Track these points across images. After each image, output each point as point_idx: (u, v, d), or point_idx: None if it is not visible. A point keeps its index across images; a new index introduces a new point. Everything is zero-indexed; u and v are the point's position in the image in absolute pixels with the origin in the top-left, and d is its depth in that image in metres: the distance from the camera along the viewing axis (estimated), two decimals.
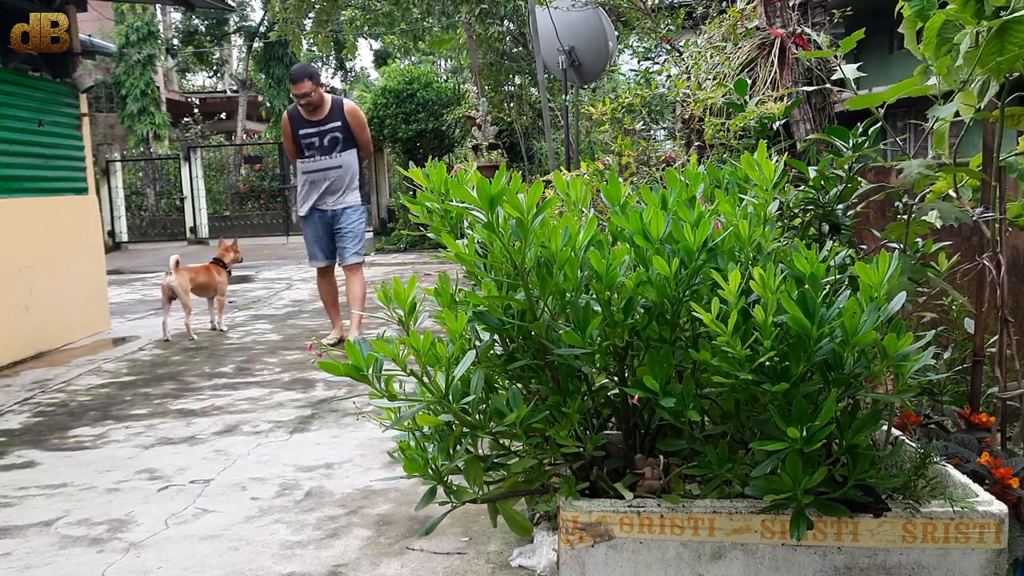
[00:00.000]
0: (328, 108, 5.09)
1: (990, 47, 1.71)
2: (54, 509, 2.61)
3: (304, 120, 5.07)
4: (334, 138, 5.09)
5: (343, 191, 5.18)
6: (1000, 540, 1.58)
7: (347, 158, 5.15)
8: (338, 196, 5.18)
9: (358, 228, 5.25)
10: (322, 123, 5.07)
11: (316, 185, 5.16)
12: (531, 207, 1.63)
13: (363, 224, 5.28)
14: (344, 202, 5.20)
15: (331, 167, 5.12)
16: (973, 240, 2.66)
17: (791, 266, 1.62)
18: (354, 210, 5.24)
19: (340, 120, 5.09)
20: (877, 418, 1.59)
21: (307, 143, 5.11)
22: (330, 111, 5.08)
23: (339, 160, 5.13)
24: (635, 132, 4.22)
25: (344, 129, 5.10)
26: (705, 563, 1.65)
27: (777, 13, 3.99)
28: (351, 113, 5.13)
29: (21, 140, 5.24)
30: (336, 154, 5.12)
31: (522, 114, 11.84)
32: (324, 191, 5.16)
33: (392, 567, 2.13)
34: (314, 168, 5.12)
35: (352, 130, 5.13)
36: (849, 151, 2.08)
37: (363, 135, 5.19)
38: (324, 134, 5.08)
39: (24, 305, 5.17)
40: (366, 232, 5.39)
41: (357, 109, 5.19)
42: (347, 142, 5.13)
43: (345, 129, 5.10)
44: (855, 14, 5.31)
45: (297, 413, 3.67)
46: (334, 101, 5.13)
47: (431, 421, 1.67)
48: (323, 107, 5.08)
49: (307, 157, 5.12)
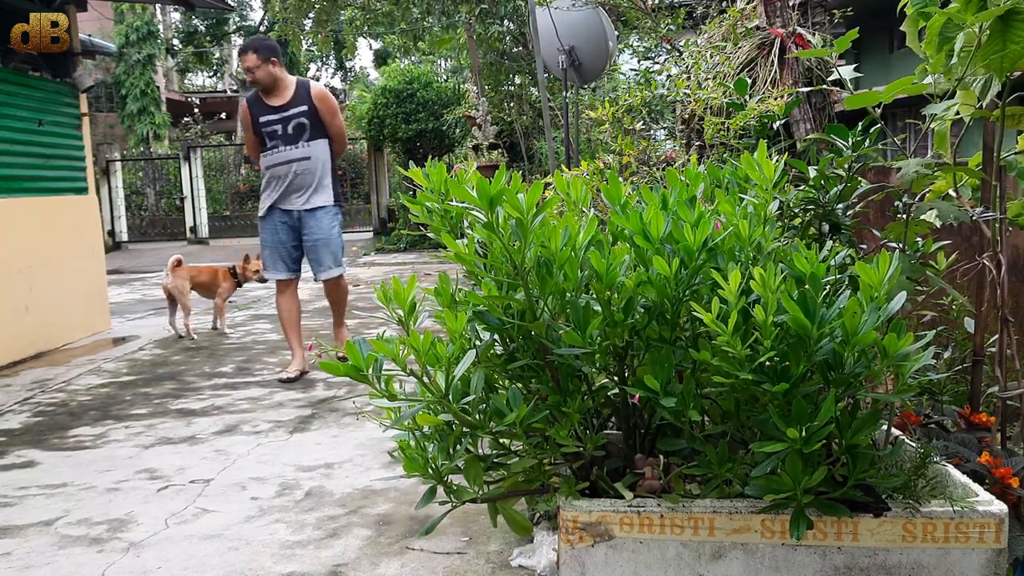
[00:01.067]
0: (292, 91, 4.35)
1: (992, 44, 1.70)
2: (54, 509, 2.61)
3: (265, 106, 4.35)
4: (299, 125, 4.33)
5: (311, 189, 4.38)
6: (1000, 540, 1.58)
7: (316, 149, 4.37)
8: (305, 195, 4.38)
9: (332, 236, 4.43)
10: (285, 108, 4.32)
11: (279, 181, 4.37)
12: (531, 207, 1.63)
13: (338, 229, 4.49)
14: (313, 202, 4.40)
15: (296, 158, 4.34)
16: (973, 239, 2.66)
17: (791, 266, 1.62)
18: (325, 213, 4.41)
19: (306, 104, 4.33)
20: (877, 418, 1.59)
21: (268, 132, 4.36)
22: (294, 94, 4.34)
23: (306, 150, 4.35)
24: (635, 132, 4.22)
25: (311, 115, 4.34)
26: (705, 563, 1.65)
27: (777, 13, 3.99)
28: (319, 97, 4.37)
29: (21, 140, 5.24)
30: (303, 143, 4.34)
31: (522, 114, 11.84)
32: (287, 188, 4.37)
33: (392, 567, 2.13)
34: (277, 161, 4.36)
35: (322, 117, 4.37)
36: (849, 151, 2.08)
37: (335, 123, 4.43)
38: (288, 120, 4.32)
39: (24, 305, 5.17)
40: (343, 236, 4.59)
41: (327, 93, 4.44)
42: (316, 130, 4.36)
43: (313, 115, 4.34)
44: (855, 14, 5.31)
45: (297, 413, 3.67)
46: (299, 83, 4.39)
47: (431, 421, 1.67)
48: (284, 89, 4.35)
49: (269, 149, 4.37)
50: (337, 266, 4.47)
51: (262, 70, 4.27)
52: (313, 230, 4.40)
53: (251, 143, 4.48)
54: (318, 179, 4.39)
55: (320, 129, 4.38)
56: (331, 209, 4.44)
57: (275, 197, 4.39)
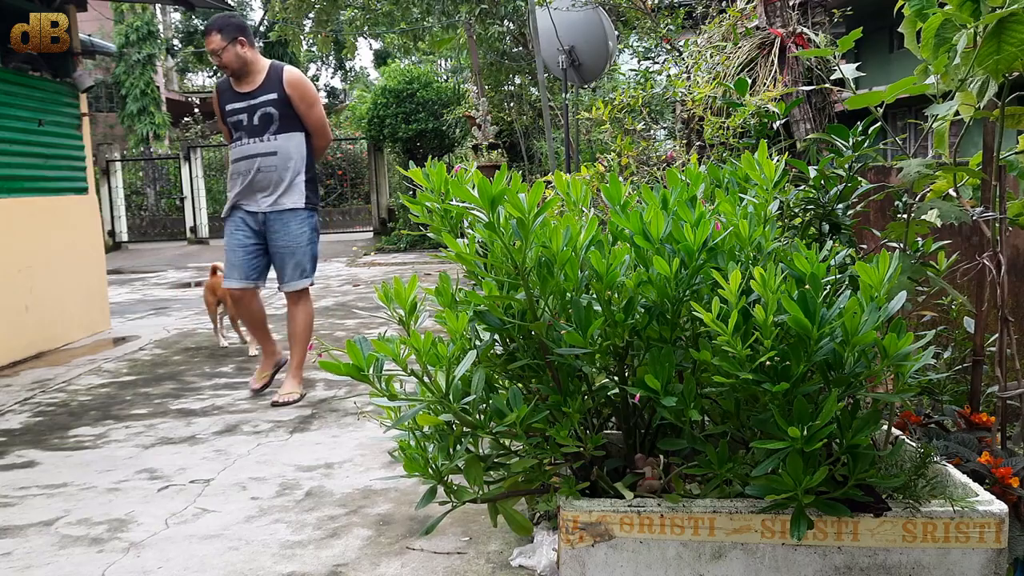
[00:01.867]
0: (263, 76, 3.83)
1: (987, 47, 1.71)
2: (54, 509, 2.61)
3: (233, 92, 3.88)
4: (266, 115, 3.82)
5: (278, 188, 3.84)
6: (1000, 540, 1.59)
7: (285, 143, 3.82)
8: (271, 195, 3.84)
9: (301, 242, 3.87)
10: (252, 95, 3.83)
11: (242, 178, 3.88)
12: (532, 207, 1.63)
13: (309, 237, 3.90)
14: (281, 203, 3.84)
15: (260, 153, 3.82)
16: (973, 239, 2.66)
17: (791, 266, 1.62)
18: (294, 216, 3.85)
19: (276, 92, 3.81)
20: (877, 418, 1.59)
21: (234, 122, 3.87)
22: (265, 80, 3.83)
23: (272, 144, 3.82)
24: (635, 132, 4.22)
25: (281, 104, 3.81)
26: (705, 563, 1.65)
27: (777, 13, 4.00)
28: (292, 83, 3.81)
29: (21, 140, 5.24)
30: (269, 136, 3.83)
31: (522, 114, 11.85)
32: (250, 186, 3.85)
33: (392, 567, 2.13)
34: (240, 155, 3.87)
35: (295, 106, 3.82)
36: (849, 150, 2.08)
37: (312, 114, 3.86)
38: (254, 110, 3.82)
39: (24, 305, 5.17)
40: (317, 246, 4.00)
41: (303, 79, 3.87)
42: (286, 122, 3.83)
43: (283, 104, 3.81)
44: (855, 14, 5.32)
45: (297, 413, 3.67)
46: (272, 68, 3.86)
47: (431, 421, 1.67)
48: (255, 74, 3.84)
49: (234, 141, 3.89)
50: (304, 277, 3.92)
51: (229, 52, 3.78)
52: (279, 236, 3.87)
53: (226, 135, 4.03)
54: (286, 177, 3.85)
55: (293, 121, 3.85)
56: (302, 213, 3.88)
57: (238, 195, 3.91)
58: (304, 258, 3.90)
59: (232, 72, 3.84)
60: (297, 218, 3.87)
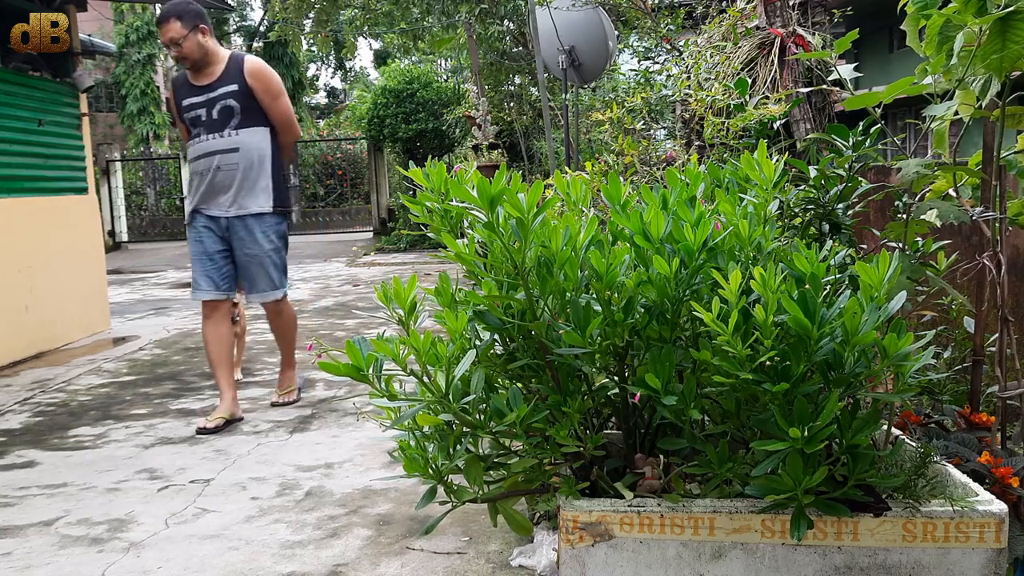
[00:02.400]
0: (222, 67, 3.51)
1: (991, 44, 1.71)
2: (54, 509, 2.61)
3: (190, 86, 3.54)
4: (226, 108, 3.48)
5: (241, 189, 3.50)
6: (1000, 539, 1.58)
7: (247, 139, 3.49)
8: (234, 197, 3.50)
9: (268, 251, 3.53)
10: (211, 88, 3.49)
11: (200, 178, 3.54)
12: (531, 207, 1.63)
13: (276, 243, 3.57)
14: (245, 207, 3.50)
15: (219, 149, 3.49)
16: (973, 239, 2.66)
17: (791, 266, 1.62)
18: (259, 222, 3.51)
19: (236, 83, 3.47)
20: (877, 418, 1.59)
21: (192, 117, 3.54)
22: (224, 71, 3.50)
23: (233, 140, 3.48)
24: (635, 132, 4.22)
25: (242, 96, 3.48)
26: (705, 563, 1.65)
27: (777, 13, 3.99)
28: (254, 73, 3.49)
29: (21, 140, 5.24)
30: (229, 132, 3.48)
31: (522, 114, 11.85)
32: (209, 187, 3.52)
33: (392, 567, 2.13)
34: (197, 152, 3.53)
35: (258, 99, 3.50)
36: (849, 150, 2.08)
37: (277, 106, 3.54)
38: (213, 103, 3.49)
39: (24, 305, 5.17)
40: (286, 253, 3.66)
41: (266, 68, 3.54)
42: (248, 116, 3.49)
43: (244, 96, 3.48)
44: (855, 14, 5.31)
45: (297, 413, 3.67)
46: (232, 58, 3.54)
47: (431, 421, 1.67)
48: (214, 65, 3.51)
49: (192, 138, 3.56)
50: (274, 288, 3.61)
51: (189, 42, 3.42)
52: (244, 243, 3.53)
53: (184, 133, 3.68)
54: (250, 177, 3.51)
55: (256, 115, 3.52)
56: (268, 218, 3.53)
57: (197, 199, 3.57)
58: (273, 266, 3.57)
59: (192, 64, 3.49)
60: (263, 224, 3.52)
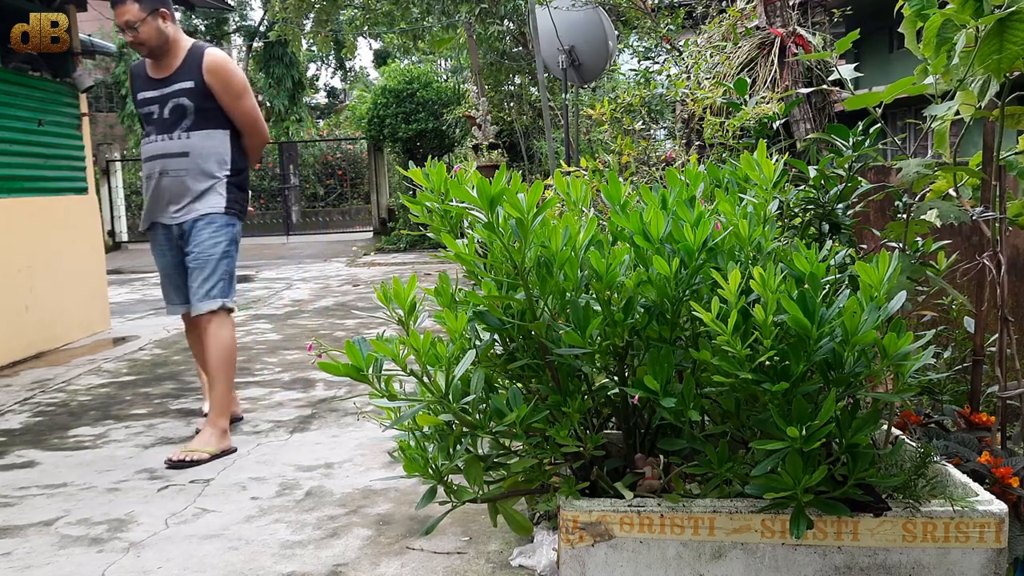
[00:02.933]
0: (180, 60, 3.16)
1: (989, 45, 1.71)
2: (54, 509, 2.61)
3: (147, 78, 3.22)
4: (178, 107, 3.13)
5: (191, 195, 3.16)
6: (1000, 539, 1.59)
7: (200, 142, 3.15)
8: (184, 204, 3.17)
9: (212, 254, 3.16)
10: (166, 82, 3.16)
11: (147, 182, 3.23)
12: (531, 207, 1.63)
13: (224, 248, 3.18)
14: (193, 209, 3.17)
15: (167, 153, 3.15)
16: (973, 239, 2.66)
17: (791, 265, 1.62)
18: (208, 223, 3.17)
19: (192, 79, 3.12)
20: (877, 417, 1.59)
21: (144, 113, 3.22)
22: (182, 65, 3.15)
23: (183, 143, 3.14)
24: (635, 132, 4.22)
25: (198, 95, 3.13)
26: (705, 562, 1.65)
27: (777, 13, 4.00)
28: (213, 69, 3.12)
29: (21, 140, 5.24)
30: (179, 133, 3.14)
31: (522, 114, 11.85)
32: (156, 192, 3.20)
33: (392, 566, 2.13)
34: (146, 155, 3.21)
35: (216, 97, 3.15)
36: (849, 150, 2.08)
37: (240, 107, 3.18)
38: (166, 100, 3.15)
39: (24, 305, 5.17)
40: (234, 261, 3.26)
41: (226, 65, 3.17)
42: (203, 116, 3.15)
43: (200, 95, 3.13)
44: (855, 14, 5.32)
45: (297, 413, 3.67)
46: (193, 49, 3.17)
47: (431, 421, 1.67)
48: (174, 56, 3.17)
49: (144, 136, 3.23)
50: (211, 298, 3.15)
51: (147, 26, 3.08)
52: (190, 245, 3.18)
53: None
54: (202, 186, 3.16)
55: (214, 116, 3.16)
56: (218, 219, 3.17)
57: (146, 208, 3.27)
58: (214, 273, 3.16)
59: (149, 52, 3.15)
60: (212, 225, 3.16)
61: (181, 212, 3.18)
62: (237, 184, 3.25)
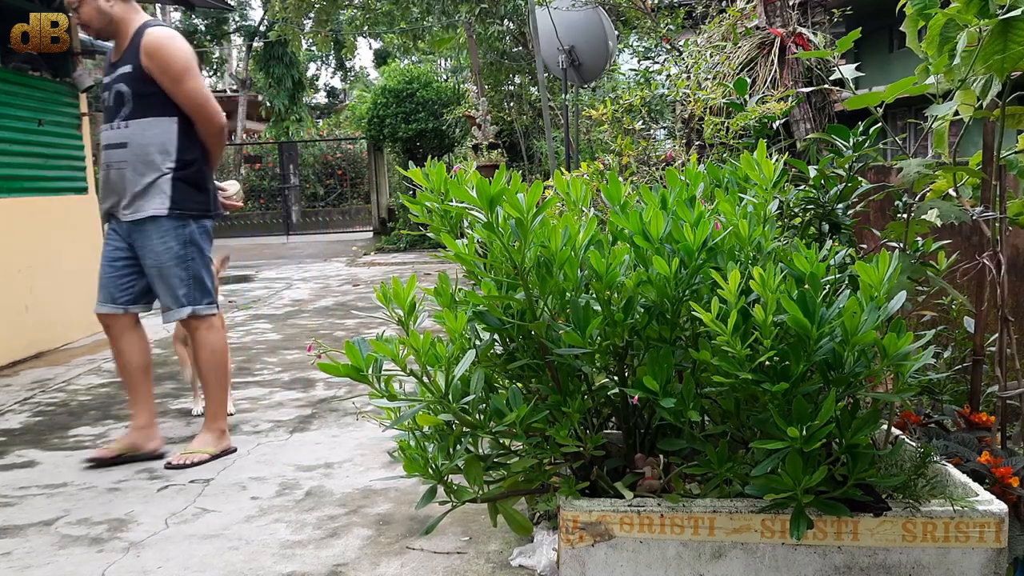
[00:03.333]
0: (128, 41, 2.93)
1: (992, 45, 1.71)
2: (54, 509, 2.61)
3: (109, 63, 3.04)
4: (117, 95, 2.93)
5: (134, 191, 2.92)
6: (1000, 539, 1.58)
7: (139, 132, 2.90)
8: (128, 199, 2.93)
9: (166, 260, 2.93)
10: (114, 67, 2.96)
11: (103, 174, 3.02)
12: (531, 207, 1.63)
13: (177, 251, 2.94)
14: (140, 210, 2.92)
15: (110, 144, 2.96)
16: (973, 239, 2.66)
17: (791, 265, 1.62)
18: (155, 227, 2.92)
19: (131, 64, 2.89)
20: (877, 417, 1.59)
21: (103, 100, 3.04)
22: (127, 46, 2.93)
23: (122, 133, 2.93)
24: (635, 131, 4.22)
25: (136, 80, 2.89)
26: (705, 562, 1.65)
27: (777, 12, 3.99)
28: (150, 51, 2.85)
29: (21, 140, 5.24)
30: (119, 123, 2.93)
31: (522, 113, 11.85)
32: (104, 186, 3.02)
33: (392, 566, 2.13)
34: (103, 144, 3.01)
35: (157, 81, 2.87)
36: (849, 150, 2.08)
37: (182, 91, 2.89)
38: (111, 86, 2.95)
39: (24, 305, 5.17)
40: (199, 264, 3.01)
41: (164, 45, 2.87)
42: (143, 103, 2.90)
43: (138, 80, 2.88)
44: (855, 13, 5.32)
45: (297, 413, 3.67)
46: (138, 30, 2.92)
47: (431, 421, 1.67)
48: (120, 36, 2.96)
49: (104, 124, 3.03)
50: (180, 305, 2.98)
51: (87, 7, 2.90)
52: (143, 252, 2.96)
53: None
54: (145, 179, 2.90)
55: (156, 102, 2.90)
56: (164, 223, 2.91)
57: (102, 199, 3.07)
58: (176, 280, 2.96)
59: (96, 34, 2.99)
60: (159, 229, 2.91)
61: (129, 210, 2.94)
62: (185, 179, 2.95)
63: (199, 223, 3.01)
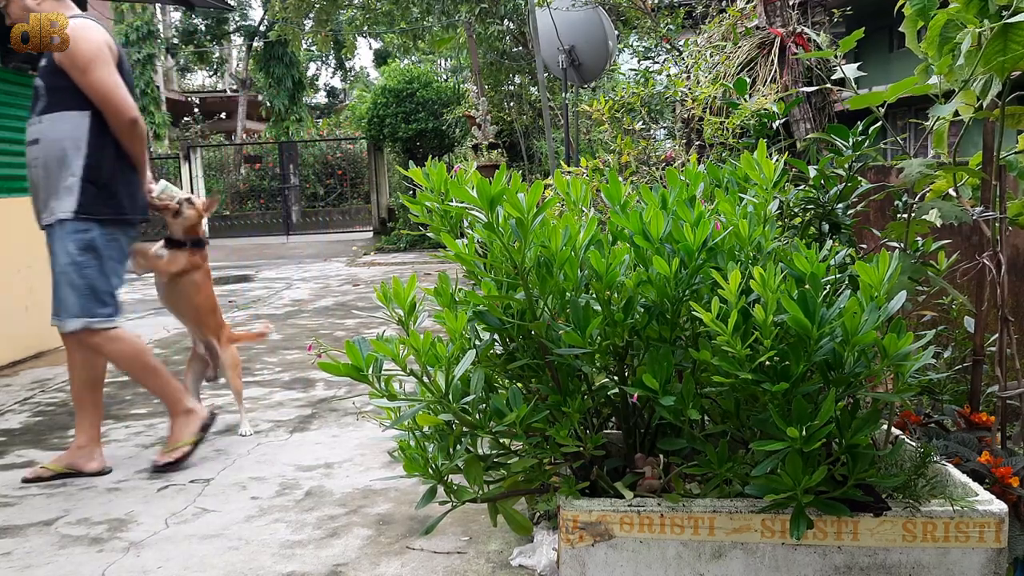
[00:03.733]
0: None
1: (993, 46, 1.71)
2: (54, 509, 2.61)
3: None
4: (35, 89, 2.85)
5: (46, 191, 2.81)
6: (1000, 539, 1.58)
7: (50, 127, 2.79)
8: (44, 200, 2.83)
9: (62, 264, 2.77)
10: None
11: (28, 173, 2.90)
12: (531, 207, 1.63)
13: (76, 254, 2.76)
14: (53, 212, 2.79)
15: (28, 140, 2.88)
16: (973, 239, 2.66)
17: (791, 265, 1.62)
18: (61, 229, 2.77)
19: (47, 56, 2.81)
20: (877, 417, 1.59)
21: None
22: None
23: (35, 128, 2.84)
24: (635, 131, 4.22)
25: (49, 72, 2.79)
26: (705, 562, 1.65)
27: (777, 12, 3.99)
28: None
29: (21, 140, 5.22)
30: (34, 118, 2.85)
31: (522, 113, 11.86)
32: (32, 187, 2.91)
33: (392, 566, 2.13)
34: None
35: (68, 73, 2.73)
36: (849, 150, 2.08)
37: (88, 83, 2.72)
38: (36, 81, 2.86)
39: (24, 305, 5.17)
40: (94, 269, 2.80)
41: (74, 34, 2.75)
42: (56, 97, 2.77)
43: (52, 73, 2.78)
44: (855, 13, 5.32)
45: (297, 412, 3.67)
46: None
47: (431, 421, 1.67)
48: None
49: None
50: (71, 315, 2.75)
51: (14, 5, 2.87)
52: (51, 256, 2.81)
53: None
54: (54, 177, 2.77)
55: (67, 96, 2.75)
56: (68, 224, 2.74)
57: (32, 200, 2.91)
58: (67, 288, 2.75)
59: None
60: (62, 231, 2.75)
61: (45, 213, 2.81)
62: (95, 180, 2.77)
63: (105, 228, 2.81)
